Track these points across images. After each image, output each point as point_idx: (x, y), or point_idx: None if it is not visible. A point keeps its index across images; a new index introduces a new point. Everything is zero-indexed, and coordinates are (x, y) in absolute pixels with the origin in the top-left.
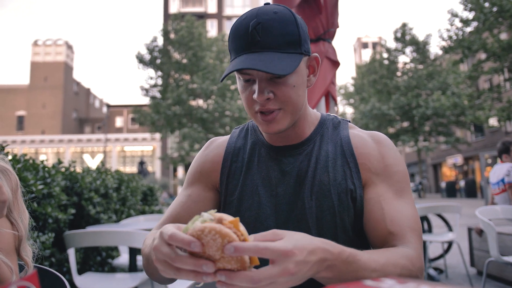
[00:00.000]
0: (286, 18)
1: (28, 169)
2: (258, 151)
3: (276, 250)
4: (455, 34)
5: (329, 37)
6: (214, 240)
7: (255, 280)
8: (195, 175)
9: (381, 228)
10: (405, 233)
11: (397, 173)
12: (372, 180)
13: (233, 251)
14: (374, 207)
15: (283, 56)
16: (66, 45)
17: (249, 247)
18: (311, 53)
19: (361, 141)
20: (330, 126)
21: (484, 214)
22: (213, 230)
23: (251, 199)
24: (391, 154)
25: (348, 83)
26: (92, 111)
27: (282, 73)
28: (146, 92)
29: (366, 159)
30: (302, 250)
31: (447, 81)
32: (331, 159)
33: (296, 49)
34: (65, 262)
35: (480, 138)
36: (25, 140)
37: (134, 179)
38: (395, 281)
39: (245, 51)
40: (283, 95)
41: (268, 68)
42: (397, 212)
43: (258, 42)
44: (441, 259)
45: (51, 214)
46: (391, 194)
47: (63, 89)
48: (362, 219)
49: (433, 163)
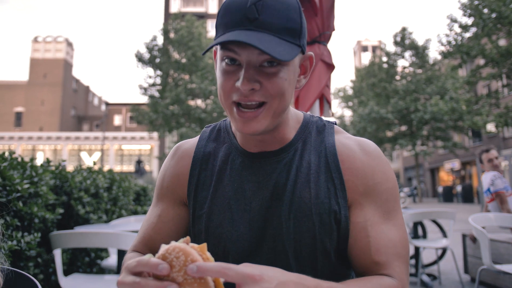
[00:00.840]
0: (291, 3)
1: (15, 167)
2: (232, 159)
3: (241, 272)
4: (454, 40)
5: (324, 40)
6: (177, 258)
7: None
8: (162, 191)
9: (365, 258)
10: (390, 262)
11: (386, 192)
12: (359, 201)
13: (196, 270)
14: (360, 234)
15: (282, 43)
16: (66, 42)
17: (213, 266)
18: (306, 52)
19: (349, 153)
20: (314, 130)
21: (477, 221)
22: (177, 248)
23: (222, 214)
24: (381, 169)
25: (347, 86)
26: (90, 108)
27: (282, 58)
28: (144, 91)
29: (354, 176)
30: (272, 279)
31: (445, 86)
32: (313, 172)
33: (294, 39)
34: (51, 263)
35: (478, 143)
36: (22, 137)
37: (126, 179)
38: None
39: (239, 27)
40: (271, 87)
41: (267, 48)
42: (383, 239)
43: (256, 20)
44: (434, 265)
45: (38, 213)
46: (378, 217)
47: (62, 86)
48: (346, 242)
49: (431, 168)
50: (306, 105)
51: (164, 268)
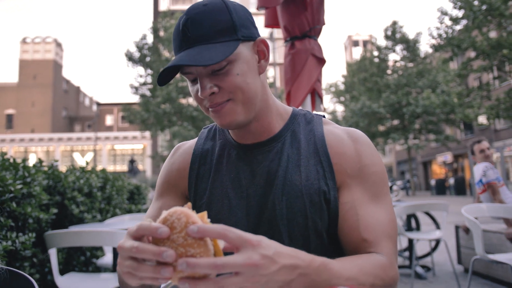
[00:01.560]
0: (216, 7)
1: (7, 168)
2: (227, 152)
3: (241, 235)
4: (445, 32)
5: (314, 34)
6: (179, 220)
7: (217, 265)
8: (164, 186)
9: (355, 235)
10: (379, 240)
11: (374, 174)
12: (347, 182)
13: (197, 230)
14: (348, 213)
15: (214, 46)
16: (55, 43)
17: (214, 227)
18: (256, 37)
19: (336, 139)
20: (303, 121)
21: (470, 212)
22: (178, 210)
23: (220, 202)
24: (368, 154)
25: (338, 81)
26: (82, 109)
27: (208, 63)
28: (136, 90)
29: (341, 159)
30: (269, 246)
31: (437, 79)
32: (303, 158)
33: (230, 36)
34: (47, 263)
35: (470, 136)
36: (14, 139)
37: (120, 178)
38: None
39: (179, 50)
40: (227, 86)
41: (193, 60)
42: (372, 218)
43: (189, 38)
44: (428, 257)
45: (31, 214)
46: (366, 198)
47: (53, 87)
48: (336, 223)
49: (423, 161)
50: (297, 100)
51: (164, 231)
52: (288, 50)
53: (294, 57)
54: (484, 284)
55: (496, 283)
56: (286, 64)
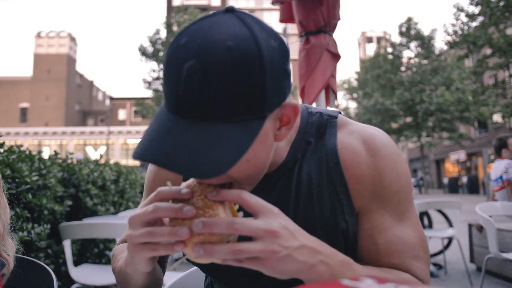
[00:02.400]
0: (244, 59)
1: (24, 160)
2: None
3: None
4: (461, 29)
5: (330, 29)
6: (200, 184)
7: (235, 225)
8: (153, 185)
9: (376, 263)
10: (407, 264)
11: (397, 193)
12: (367, 207)
13: (216, 194)
14: (367, 240)
15: (226, 134)
16: (69, 37)
17: (232, 191)
18: (286, 100)
19: (352, 156)
20: (314, 134)
21: (484, 210)
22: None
23: None
24: (390, 169)
25: (351, 77)
26: (95, 103)
27: (206, 176)
28: (148, 85)
29: (359, 184)
30: (289, 221)
31: (451, 76)
32: (315, 186)
33: (253, 112)
34: (61, 254)
35: (484, 134)
36: (28, 132)
37: (133, 172)
38: (374, 280)
39: (173, 112)
40: (231, 173)
41: (182, 166)
42: (396, 243)
43: (192, 104)
44: (440, 255)
45: (47, 205)
46: (389, 221)
47: (66, 81)
48: (354, 253)
49: (436, 159)
50: (311, 96)
51: (187, 192)
52: (303, 45)
53: (309, 52)
54: (497, 283)
55: (510, 282)
56: (300, 59)
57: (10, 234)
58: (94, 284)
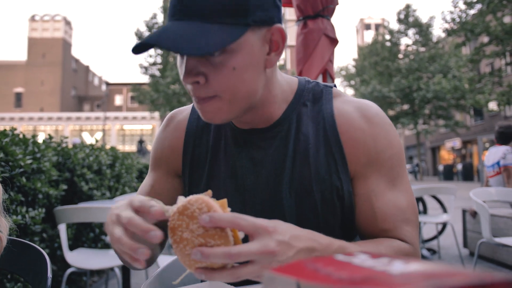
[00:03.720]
0: None
1: (17, 143)
2: (225, 134)
3: (255, 222)
4: (459, 17)
5: (328, 14)
6: (200, 209)
7: (232, 255)
8: (156, 162)
9: (372, 227)
10: (399, 227)
11: (390, 159)
12: (362, 172)
13: (208, 220)
14: (364, 205)
15: (212, 28)
16: (64, 21)
17: (226, 216)
18: (273, 23)
19: (348, 121)
20: (310, 98)
21: (478, 195)
22: (200, 199)
23: (217, 193)
24: (384, 135)
25: (349, 64)
26: (91, 88)
27: (193, 52)
28: (145, 70)
29: (355, 148)
30: (285, 232)
31: (448, 64)
32: (312, 146)
33: (237, 18)
34: (56, 238)
35: (479, 122)
36: (23, 118)
37: (129, 157)
38: (368, 255)
39: (171, 17)
40: (217, 80)
41: (175, 45)
42: (390, 207)
43: (185, 7)
44: (434, 240)
45: (41, 189)
46: (383, 186)
47: (62, 66)
48: (350, 217)
49: (432, 146)
50: None
51: (157, 235)
52: (301, 29)
53: (307, 37)
54: (489, 267)
55: (501, 266)
56: (298, 43)
57: (3, 212)
58: (89, 268)
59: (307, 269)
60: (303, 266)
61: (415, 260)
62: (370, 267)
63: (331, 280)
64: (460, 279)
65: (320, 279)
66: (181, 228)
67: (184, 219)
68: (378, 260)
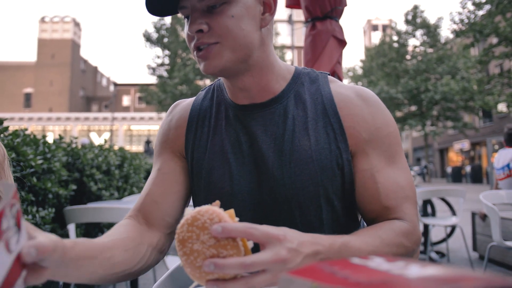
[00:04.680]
0: None
1: (28, 144)
2: (225, 112)
3: (266, 232)
4: (467, 18)
5: (336, 15)
6: (211, 220)
7: (246, 265)
8: (161, 145)
9: (376, 204)
10: (400, 205)
11: (388, 136)
12: (363, 148)
13: (221, 230)
14: (368, 181)
15: None
16: (74, 22)
17: (238, 226)
18: None
19: (346, 99)
20: (307, 80)
21: (488, 198)
22: (210, 210)
23: (221, 169)
24: (380, 114)
25: (356, 65)
26: (99, 89)
27: None
28: (153, 71)
29: (354, 122)
30: (294, 238)
31: (457, 65)
32: (310, 120)
33: None
34: (66, 238)
35: (488, 124)
36: (32, 118)
37: (137, 157)
38: (383, 259)
39: None
40: (218, 26)
41: None
42: (391, 183)
43: None
44: (443, 243)
45: (51, 189)
46: (384, 163)
47: (70, 66)
48: (350, 187)
49: (440, 148)
50: None
51: None
52: (309, 31)
53: (315, 38)
54: (499, 271)
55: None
56: (306, 45)
57: None
58: None
59: (323, 272)
60: (320, 269)
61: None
62: (386, 271)
63: (348, 283)
64: (476, 284)
65: (337, 282)
66: (191, 239)
67: (194, 230)
68: (394, 264)
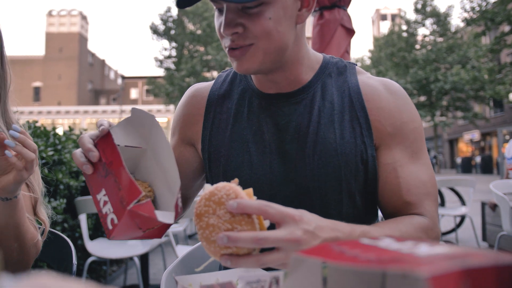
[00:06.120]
0: None
1: (39, 136)
2: (249, 100)
3: (282, 210)
4: (478, 5)
5: (344, 4)
6: (228, 195)
7: (259, 239)
8: (173, 129)
9: (397, 198)
10: (421, 201)
11: (413, 132)
12: (387, 142)
13: (236, 206)
14: (390, 175)
15: None
16: (81, 16)
17: (253, 203)
18: None
19: (373, 91)
20: (335, 71)
21: (498, 188)
22: (227, 186)
23: (241, 157)
24: (407, 108)
25: (365, 56)
26: (107, 82)
27: (238, 0)
28: (160, 64)
29: (380, 115)
30: (311, 221)
31: (467, 54)
32: (337, 112)
33: None
34: (77, 228)
35: (499, 114)
36: (41, 111)
37: None
38: (393, 239)
39: None
40: (254, 29)
41: None
42: (413, 179)
43: None
44: (452, 233)
45: (62, 180)
46: (407, 158)
47: (78, 60)
48: (373, 183)
49: (449, 139)
50: None
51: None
52: (317, 20)
53: (323, 28)
54: None
55: None
56: (314, 34)
57: (43, 201)
58: (109, 257)
59: (333, 251)
60: (330, 248)
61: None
62: (396, 250)
63: (358, 261)
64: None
65: (347, 259)
66: (207, 214)
67: (211, 205)
68: (404, 243)
